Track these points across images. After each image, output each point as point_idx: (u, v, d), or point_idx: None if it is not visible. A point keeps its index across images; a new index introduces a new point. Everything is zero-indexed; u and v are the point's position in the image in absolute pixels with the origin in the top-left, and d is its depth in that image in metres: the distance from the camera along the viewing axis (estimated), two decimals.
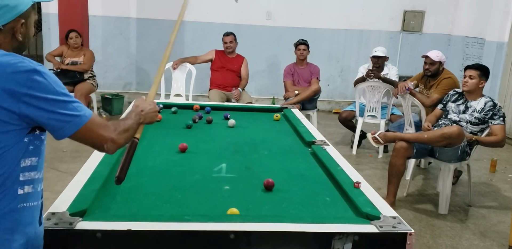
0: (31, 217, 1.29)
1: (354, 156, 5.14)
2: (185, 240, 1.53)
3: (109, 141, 1.38)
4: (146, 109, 1.62)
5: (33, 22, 1.42)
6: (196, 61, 5.62)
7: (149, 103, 1.66)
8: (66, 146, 4.94)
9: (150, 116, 1.64)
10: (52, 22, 6.67)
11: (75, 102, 1.30)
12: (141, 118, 1.59)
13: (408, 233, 1.58)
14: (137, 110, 1.60)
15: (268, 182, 2.01)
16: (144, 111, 1.61)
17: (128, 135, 1.48)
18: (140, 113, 1.59)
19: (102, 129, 1.36)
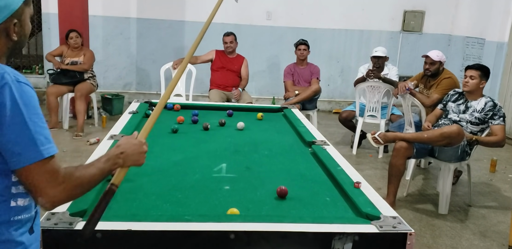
0: (24, 228, 1.21)
1: (354, 156, 5.14)
2: (185, 240, 1.53)
3: (45, 196, 1.15)
4: (129, 151, 1.34)
5: (28, 18, 1.29)
6: (196, 61, 5.62)
7: (135, 143, 1.37)
8: (66, 145, 4.95)
9: (133, 159, 1.36)
10: (52, 22, 6.67)
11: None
12: (117, 163, 1.32)
13: (408, 233, 1.58)
14: (115, 152, 1.33)
15: (281, 190, 1.92)
16: (125, 154, 1.34)
17: (80, 190, 1.23)
18: (118, 156, 1.32)
19: (47, 177, 1.14)
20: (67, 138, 5.26)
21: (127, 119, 3.06)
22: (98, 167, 1.29)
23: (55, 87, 5.56)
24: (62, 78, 5.56)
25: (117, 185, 1.35)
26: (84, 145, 5.00)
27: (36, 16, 7.20)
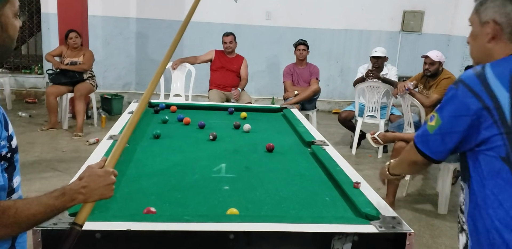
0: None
1: (354, 156, 5.14)
2: (184, 240, 1.53)
3: None
4: (92, 184, 1.16)
5: (11, 18, 1.14)
6: (196, 61, 5.62)
7: (100, 175, 1.19)
8: (66, 146, 4.95)
9: (99, 194, 1.17)
10: (51, 22, 6.67)
11: None
12: (75, 198, 1.13)
13: (408, 233, 1.58)
14: (75, 186, 1.15)
15: (269, 146, 2.35)
16: (88, 188, 1.15)
17: (18, 230, 1.07)
18: (78, 192, 1.14)
19: None
20: (67, 138, 5.26)
21: (127, 119, 3.05)
22: (46, 203, 1.08)
23: (54, 88, 5.56)
24: (62, 78, 5.56)
25: (81, 224, 1.17)
26: (83, 145, 5.00)
27: (35, 16, 7.20)
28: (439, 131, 1.32)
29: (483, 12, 1.33)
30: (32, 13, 7.27)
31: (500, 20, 1.30)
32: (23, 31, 7.37)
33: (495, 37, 1.31)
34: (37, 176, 4.01)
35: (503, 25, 1.29)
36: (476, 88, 1.24)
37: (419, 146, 1.38)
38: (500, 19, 1.29)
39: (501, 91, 1.22)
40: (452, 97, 1.29)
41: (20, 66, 7.44)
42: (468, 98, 1.25)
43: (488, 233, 1.26)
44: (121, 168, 2.17)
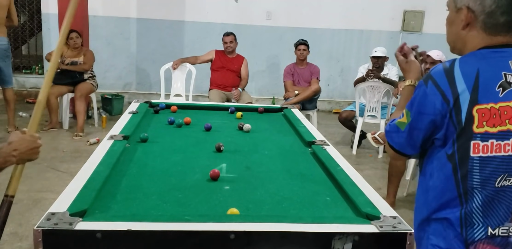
0: None
1: (354, 156, 5.14)
2: (185, 240, 1.53)
3: None
4: (22, 147, 1.35)
5: None
6: (196, 61, 5.62)
7: (28, 140, 1.37)
8: (66, 146, 4.95)
9: (28, 155, 1.38)
10: (52, 22, 6.68)
11: None
12: (9, 161, 1.31)
13: (408, 233, 1.57)
14: (7, 150, 1.32)
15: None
16: (19, 151, 1.34)
17: None
18: (11, 155, 1.32)
19: None
20: (67, 138, 5.27)
21: (127, 119, 3.05)
22: None
23: (55, 88, 5.55)
24: (62, 78, 5.56)
25: (13, 195, 1.29)
26: (84, 145, 5.00)
27: (36, 16, 7.21)
28: (409, 127, 1.31)
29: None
30: (32, 13, 7.28)
31: (474, 8, 1.25)
32: (23, 31, 7.38)
33: (469, 24, 1.28)
34: (37, 176, 4.01)
35: (477, 13, 1.25)
36: (443, 86, 1.24)
37: (390, 142, 1.39)
38: (474, 6, 1.25)
39: (464, 92, 1.21)
40: (421, 95, 1.29)
41: (20, 66, 7.45)
42: (435, 96, 1.24)
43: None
44: (122, 167, 2.18)
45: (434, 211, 1.29)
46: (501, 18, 1.23)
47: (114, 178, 2.02)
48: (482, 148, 1.21)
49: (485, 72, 1.22)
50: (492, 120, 1.20)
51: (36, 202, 3.46)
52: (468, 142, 1.21)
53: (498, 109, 1.20)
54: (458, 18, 1.30)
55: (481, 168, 1.22)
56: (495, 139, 1.21)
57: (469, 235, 1.25)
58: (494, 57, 1.24)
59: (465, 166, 1.23)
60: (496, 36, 1.26)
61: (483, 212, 1.24)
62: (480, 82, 1.21)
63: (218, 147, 2.52)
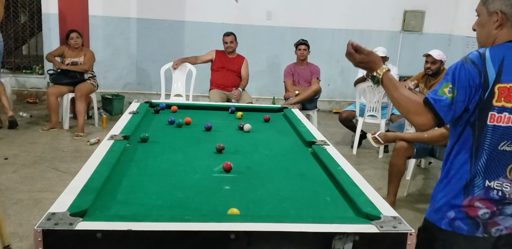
0: None
1: (355, 155, 5.14)
2: (185, 240, 1.53)
3: None
4: None
5: None
6: (197, 62, 5.63)
7: None
8: (67, 146, 4.95)
9: None
10: (52, 22, 6.68)
11: None
12: None
13: (409, 233, 1.57)
14: None
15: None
16: None
17: None
18: None
19: None
20: (68, 138, 5.27)
21: (128, 119, 3.05)
22: None
23: (55, 88, 5.56)
24: (63, 78, 5.57)
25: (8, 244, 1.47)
26: (84, 145, 5.00)
27: (36, 16, 7.21)
28: (455, 100, 1.53)
29: (490, 4, 1.60)
30: (33, 13, 7.28)
31: (506, 11, 1.56)
32: (24, 31, 7.38)
33: (501, 24, 1.58)
34: (38, 176, 4.02)
35: (508, 15, 1.56)
36: (480, 65, 1.52)
37: (441, 114, 1.55)
38: (506, 9, 1.56)
39: (491, 71, 1.51)
40: (463, 72, 1.53)
41: (21, 67, 7.45)
42: (474, 73, 1.51)
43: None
44: (122, 167, 2.18)
45: (450, 172, 1.63)
46: None
47: (114, 178, 2.02)
48: (497, 118, 1.52)
49: (509, 58, 1.52)
50: (509, 97, 1.51)
51: (36, 202, 3.46)
52: (487, 112, 1.52)
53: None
54: (491, 21, 1.60)
55: (492, 134, 1.54)
56: (508, 112, 1.51)
57: (469, 188, 1.59)
58: None
59: (481, 131, 1.54)
60: None
61: (485, 168, 1.57)
62: (504, 66, 1.51)
63: (219, 149, 2.52)
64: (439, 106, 1.55)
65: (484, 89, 1.51)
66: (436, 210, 1.67)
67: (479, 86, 1.51)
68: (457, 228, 1.61)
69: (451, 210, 1.62)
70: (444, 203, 1.64)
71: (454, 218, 1.62)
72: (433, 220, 1.68)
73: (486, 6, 1.62)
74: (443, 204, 1.64)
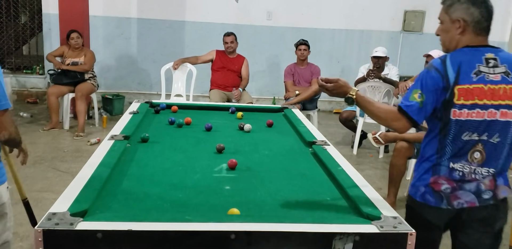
0: None
1: (355, 156, 5.14)
2: (185, 240, 1.53)
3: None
4: None
5: None
6: (197, 62, 5.63)
7: None
8: (67, 146, 4.95)
9: None
10: (52, 22, 6.68)
11: None
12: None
13: (409, 233, 1.58)
14: None
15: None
16: None
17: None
18: None
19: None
20: (68, 138, 5.27)
21: (128, 119, 3.06)
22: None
23: (55, 88, 5.57)
24: (63, 78, 5.57)
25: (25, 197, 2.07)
26: (84, 145, 5.00)
27: (37, 16, 7.21)
28: (425, 104, 1.79)
29: (453, 13, 1.82)
30: (33, 13, 7.28)
31: (467, 18, 1.79)
32: (24, 31, 7.38)
33: (463, 30, 1.81)
34: (38, 176, 4.02)
35: (469, 22, 1.80)
36: (442, 71, 1.77)
37: (415, 117, 1.81)
38: (467, 17, 1.79)
39: (452, 75, 1.76)
40: (428, 78, 1.79)
41: (21, 67, 7.46)
42: (438, 78, 1.77)
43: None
44: (123, 167, 2.18)
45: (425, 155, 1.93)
46: (485, 24, 1.81)
47: (114, 178, 2.03)
48: (458, 113, 1.78)
49: (465, 63, 1.77)
50: (466, 96, 1.77)
51: (37, 202, 3.46)
52: (450, 109, 1.78)
53: (472, 89, 1.76)
54: (453, 27, 1.83)
55: (455, 126, 1.80)
56: (467, 108, 1.77)
57: (436, 168, 1.88)
58: (473, 54, 1.80)
59: (446, 124, 1.81)
60: (478, 37, 1.82)
61: (450, 153, 1.85)
62: (461, 70, 1.77)
63: (219, 149, 2.52)
64: (411, 111, 1.80)
65: (447, 90, 1.76)
66: (413, 186, 1.97)
67: (443, 89, 1.76)
68: (427, 200, 1.90)
69: (422, 186, 1.92)
70: (417, 179, 1.94)
71: (424, 192, 1.91)
72: (411, 194, 1.98)
73: (449, 15, 1.83)
74: (417, 180, 1.95)
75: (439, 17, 1.88)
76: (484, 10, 1.80)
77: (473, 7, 1.79)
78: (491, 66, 1.77)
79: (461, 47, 1.82)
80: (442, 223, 1.97)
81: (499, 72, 1.77)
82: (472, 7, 1.79)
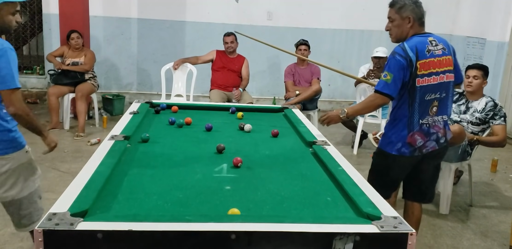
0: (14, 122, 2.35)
1: (355, 156, 5.14)
2: (186, 240, 1.53)
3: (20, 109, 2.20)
4: None
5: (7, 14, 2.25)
6: (197, 62, 5.63)
7: None
8: (68, 146, 4.95)
9: None
10: (53, 22, 6.68)
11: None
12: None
13: (409, 233, 1.58)
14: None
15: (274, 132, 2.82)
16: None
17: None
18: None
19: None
20: (68, 138, 5.27)
21: (128, 119, 3.06)
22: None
23: (56, 88, 5.57)
24: (63, 78, 5.57)
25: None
26: (85, 145, 5.00)
27: (37, 16, 7.21)
28: (393, 80, 2.44)
29: (403, 12, 2.52)
30: (33, 13, 7.28)
31: (414, 16, 2.54)
32: (24, 31, 7.39)
33: (412, 25, 2.54)
34: None
35: (416, 18, 2.54)
36: (404, 54, 2.44)
37: (386, 91, 2.47)
38: (414, 15, 2.54)
39: (412, 55, 2.44)
40: (395, 62, 2.45)
41: (21, 67, 7.45)
42: (402, 60, 2.44)
43: None
44: (123, 167, 2.18)
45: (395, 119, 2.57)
46: (423, 18, 2.61)
47: (115, 178, 2.03)
48: (421, 81, 2.46)
49: (419, 46, 2.48)
50: (425, 68, 2.46)
51: None
52: (415, 79, 2.45)
53: (428, 62, 2.46)
54: (404, 23, 2.54)
55: (420, 91, 2.47)
56: (426, 76, 2.46)
57: (410, 126, 2.52)
58: (421, 39, 2.53)
59: (413, 91, 2.47)
60: (420, 27, 2.59)
61: (418, 111, 2.50)
62: (418, 50, 2.46)
63: (219, 149, 2.52)
64: (381, 88, 2.48)
65: (411, 67, 2.42)
66: (388, 143, 2.59)
67: (408, 66, 2.42)
68: (402, 152, 2.56)
69: (399, 142, 2.54)
70: (394, 138, 2.55)
71: (401, 146, 2.55)
72: (386, 149, 2.61)
73: (400, 14, 2.53)
74: (393, 139, 2.56)
75: (390, 16, 2.56)
76: (422, 9, 2.57)
77: (416, 7, 2.53)
78: (434, 45, 2.52)
79: (411, 36, 2.53)
80: (411, 166, 2.66)
81: (440, 48, 2.53)
82: (416, 8, 2.52)
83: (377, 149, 2.70)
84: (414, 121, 2.49)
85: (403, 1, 2.53)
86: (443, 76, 2.50)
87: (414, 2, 2.53)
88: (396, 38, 2.58)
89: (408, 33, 2.52)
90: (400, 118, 2.51)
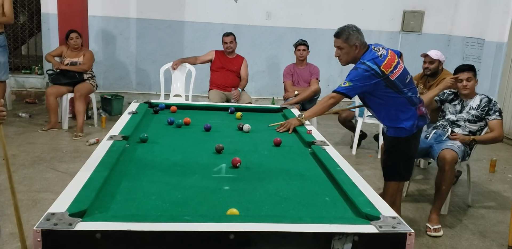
0: None
1: (354, 156, 5.14)
2: (184, 240, 1.53)
3: None
4: None
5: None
6: (196, 62, 5.62)
7: None
8: (66, 146, 4.95)
9: None
10: (51, 22, 6.67)
11: None
12: None
13: (408, 233, 1.58)
14: None
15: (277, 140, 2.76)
16: None
17: None
18: None
19: None
20: (67, 138, 5.27)
21: (127, 119, 3.06)
22: None
23: (54, 88, 5.56)
24: (62, 78, 5.56)
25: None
26: (83, 145, 5.00)
27: (35, 16, 7.21)
28: (352, 86, 2.92)
29: (350, 41, 2.91)
30: (32, 13, 7.27)
31: (358, 43, 2.92)
32: (23, 31, 7.38)
33: (359, 50, 2.93)
34: (37, 176, 4.01)
35: (360, 44, 2.92)
36: (368, 68, 2.86)
37: (343, 91, 3.00)
38: (358, 42, 2.92)
39: (375, 66, 2.86)
40: (355, 73, 2.89)
41: (20, 67, 7.44)
42: (366, 72, 2.86)
43: None
44: (121, 168, 2.18)
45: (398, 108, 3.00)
46: (364, 40, 2.96)
47: (113, 178, 2.03)
48: (393, 75, 2.89)
49: (372, 56, 2.89)
50: (388, 67, 2.88)
51: (35, 202, 3.46)
52: (388, 77, 2.88)
53: (386, 63, 2.88)
54: (352, 49, 2.93)
55: (398, 81, 2.91)
56: (393, 70, 2.89)
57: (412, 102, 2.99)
58: (370, 52, 2.92)
59: (393, 83, 2.90)
60: (365, 47, 2.96)
61: (409, 91, 2.97)
62: (376, 61, 2.87)
63: (218, 149, 2.52)
64: (340, 88, 3.02)
65: (378, 74, 2.85)
66: (398, 129, 3.03)
67: (374, 75, 2.85)
68: (420, 126, 3.08)
69: (413, 119, 3.00)
70: (406, 123, 3.00)
71: (417, 122, 3.03)
72: (397, 135, 3.05)
73: (348, 43, 2.91)
74: (405, 124, 3.00)
75: (338, 45, 2.95)
76: (361, 32, 2.95)
77: (359, 34, 2.92)
78: (378, 50, 2.93)
79: (361, 55, 2.94)
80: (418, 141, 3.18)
81: (381, 49, 2.95)
82: (359, 35, 2.92)
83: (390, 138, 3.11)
84: (412, 97, 2.98)
85: (347, 31, 2.91)
86: (400, 65, 2.96)
87: (355, 30, 2.92)
88: (346, 62, 3.02)
89: (357, 56, 2.94)
90: (400, 104, 2.96)
